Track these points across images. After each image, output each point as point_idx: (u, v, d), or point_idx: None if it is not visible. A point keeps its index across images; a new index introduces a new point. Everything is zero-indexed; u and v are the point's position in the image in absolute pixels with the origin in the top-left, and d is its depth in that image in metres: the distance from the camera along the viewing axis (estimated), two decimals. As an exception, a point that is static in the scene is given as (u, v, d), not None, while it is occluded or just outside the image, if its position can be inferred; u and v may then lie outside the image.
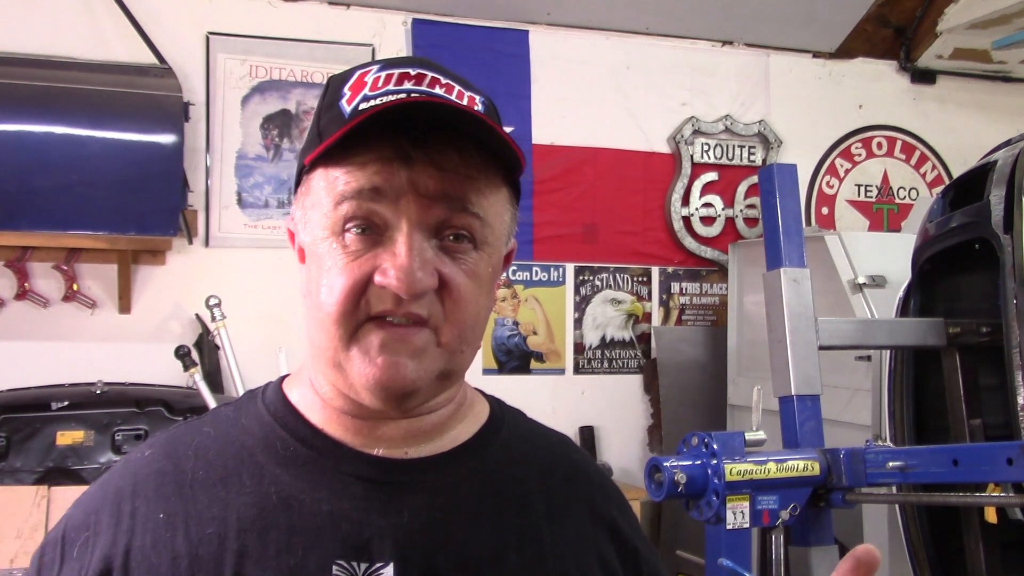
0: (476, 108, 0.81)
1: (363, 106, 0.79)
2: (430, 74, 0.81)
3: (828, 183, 4.56)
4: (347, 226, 0.78)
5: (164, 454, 0.85)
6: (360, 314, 0.78)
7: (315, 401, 0.85)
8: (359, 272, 0.77)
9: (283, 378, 0.92)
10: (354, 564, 0.78)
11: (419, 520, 0.80)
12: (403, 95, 0.79)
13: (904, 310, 2.66)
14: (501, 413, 0.93)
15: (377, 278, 0.77)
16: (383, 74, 0.81)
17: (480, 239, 0.80)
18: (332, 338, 0.79)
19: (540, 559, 0.84)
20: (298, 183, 0.85)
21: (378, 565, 0.78)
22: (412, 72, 0.81)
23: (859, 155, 4.61)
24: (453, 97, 0.80)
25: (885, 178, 4.65)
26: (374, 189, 0.77)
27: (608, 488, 0.96)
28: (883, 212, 4.64)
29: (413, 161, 0.77)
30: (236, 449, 0.84)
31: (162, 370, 3.31)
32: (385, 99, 0.78)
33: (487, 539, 0.82)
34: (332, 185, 0.79)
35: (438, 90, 0.80)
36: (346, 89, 0.82)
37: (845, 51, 4.53)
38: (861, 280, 3.14)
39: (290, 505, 0.80)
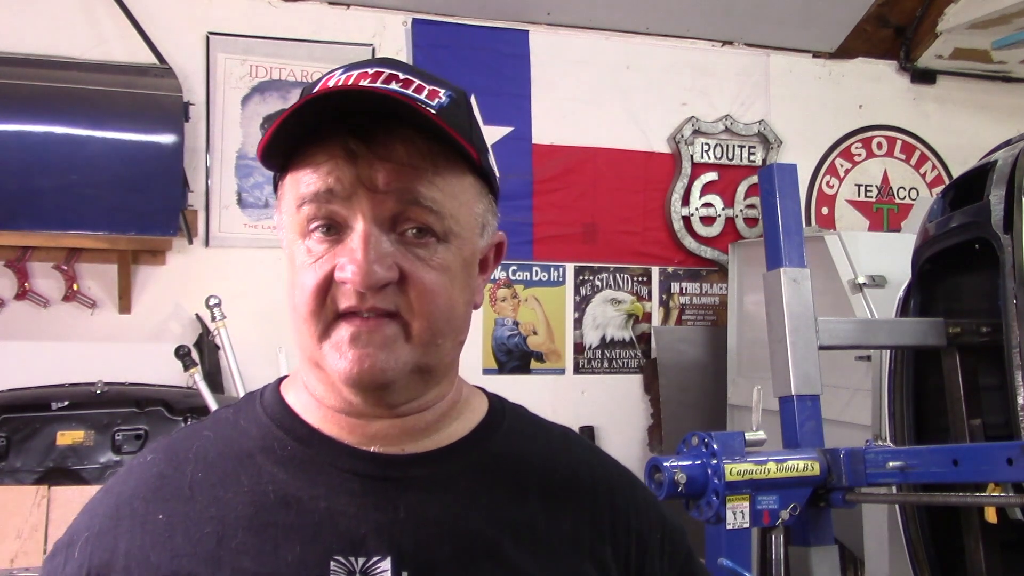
0: (438, 99, 0.81)
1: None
2: (389, 71, 0.81)
3: (828, 183, 4.56)
4: (311, 227, 0.80)
5: (165, 458, 0.86)
6: (328, 312, 0.79)
7: (310, 402, 0.86)
8: (322, 271, 0.79)
9: (281, 380, 0.92)
10: (351, 559, 0.78)
11: (415, 515, 0.81)
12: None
13: (904, 310, 2.66)
14: (501, 409, 0.93)
15: (336, 274, 0.78)
16: (344, 76, 0.81)
17: (442, 232, 0.80)
18: (307, 336, 0.81)
19: (534, 553, 0.84)
20: (276, 190, 0.87)
21: (375, 559, 0.79)
22: (370, 71, 0.81)
23: (859, 155, 4.61)
24: (410, 92, 0.80)
25: (885, 178, 4.65)
26: (328, 190, 0.78)
27: (615, 483, 0.93)
28: (883, 212, 4.63)
29: (357, 156, 0.77)
30: (235, 451, 0.85)
31: (162, 370, 3.31)
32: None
33: (483, 532, 0.82)
34: (295, 188, 0.80)
35: (393, 85, 0.80)
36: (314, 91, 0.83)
37: (845, 51, 4.52)
38: (861, 280, 3.13)
39: (288, 503, 0.81)
